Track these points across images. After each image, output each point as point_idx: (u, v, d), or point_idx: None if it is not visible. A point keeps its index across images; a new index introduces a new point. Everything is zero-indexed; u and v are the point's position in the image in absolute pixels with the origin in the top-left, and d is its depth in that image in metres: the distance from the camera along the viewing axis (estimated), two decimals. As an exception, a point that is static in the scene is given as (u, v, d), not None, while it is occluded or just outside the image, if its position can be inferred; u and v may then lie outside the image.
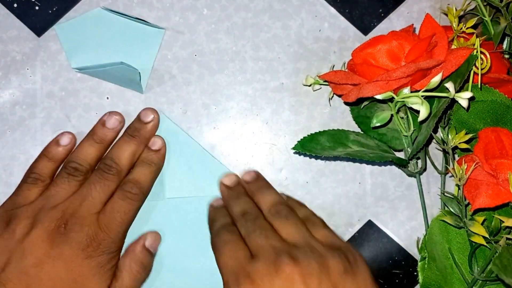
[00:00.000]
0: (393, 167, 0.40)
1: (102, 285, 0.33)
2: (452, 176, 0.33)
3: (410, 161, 0.37)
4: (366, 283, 0.31)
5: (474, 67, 0.33)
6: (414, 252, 0.40)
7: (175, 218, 0.39)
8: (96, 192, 0.35)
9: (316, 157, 0.40)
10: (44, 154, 0.38)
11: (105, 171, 0.36)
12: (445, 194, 0.35)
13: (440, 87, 0.32)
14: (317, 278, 0.29)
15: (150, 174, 0.37)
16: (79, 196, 0.35)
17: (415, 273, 0.40)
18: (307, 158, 0.40)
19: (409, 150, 0.36)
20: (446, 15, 0.36)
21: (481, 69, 0.33)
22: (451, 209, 0.34)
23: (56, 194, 0.35)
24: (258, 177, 0.39)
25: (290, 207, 0.35)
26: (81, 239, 0.33)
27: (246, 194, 0.37)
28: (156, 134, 0.39)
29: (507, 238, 0.31)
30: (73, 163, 0.36)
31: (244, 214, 0.34)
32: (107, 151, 0.38)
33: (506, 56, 0.37)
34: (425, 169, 0.39)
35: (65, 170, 0.36)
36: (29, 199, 0.35)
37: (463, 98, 0.31)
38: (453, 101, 0.32)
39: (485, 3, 0.36)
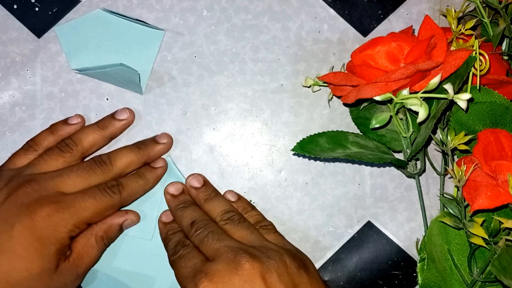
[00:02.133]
0: (392, 168, 0.40)
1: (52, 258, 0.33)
2: (451, 177, 0.33)
3: (409, 162, 0.37)
4: (318, 279, 0.33)
5: (473, 69, 0.33)
6: (413, 253, 0.40)
7: (161, 259, 0.38)
8: (75, 174, 0.35)
9: (316, 158, 0.40)
10: (49, 128, 0.38)
11: (96, 164, 0.36)
12: (444, 195, 0.35)
13: (439, 88, 0.32)
14: (276, 274, 0.31)
15: (139, 187, 0.37)
16: (57, 172, 0.35)
17: (415, 274, 0.40)
18: (307, 159, 0.40)
19: (408, 151, 0.36)
20: (445, 16, 0.36)
21: (480, 71, 0.33)
22: (450, 210, 0.34)
23: (39, 165, 0.35)
24: (205, 183, 0.39)
25: (241, 213, 0.36)
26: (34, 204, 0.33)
27: (193, 202, 0.37)
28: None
29: (506, 240, 0.31)
30: (68, 140, 0.36)
31: (193, 223, 0.35)
32: (109, 152, 0.38)
33: (505, 57, 0.37)
34: (424, 170, 0.39)
35: (57, 145, 0.36)
36: (16, 165, 0.36)
37: (462, 100, 0.31)
38: (452, 103, 0.32)
39: (484, 5, 0.36)
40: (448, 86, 0.31)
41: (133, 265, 0.39)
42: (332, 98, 0.39)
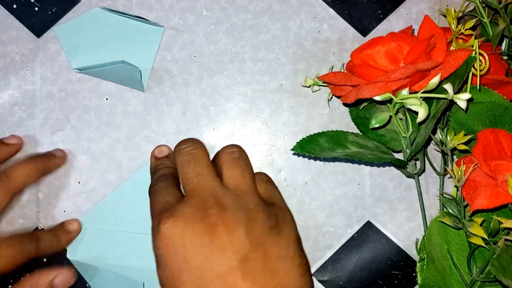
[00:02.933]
0: (392, 168, 0.40)
1: None
2: (451, 177, 0.33)
3: (409, 162, 0.37)
4: (289, 242, 0.31)
5: (472, 69, 0.33)
6: (413, 253, 0.40)
7: None
8: None
9: (315, 158, 0.40)
10: None
11: None
12: (444, 195, 0.35)
13: (438, 88, 0.32)
14: (243, 230, 0.29)
15: (50, 246, 0.35)
16: None
17: (414, 274, 0.40)
18: (306, 159, 0.40)
19: (408, 151, 0.36)
20: (445, 16, 0.36)
21: (480, 71, 0.33)
22: (450, 210, 0.34)
23: None
24: None
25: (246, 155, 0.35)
26: None
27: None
28: None
29: (505, 239, 0.31)
30: None
31: (189, 160, 0.32)
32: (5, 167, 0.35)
33: (505, 57, 0.37)
34: (424, 170, 0.39)
35: None
36: None
37: (461, 100, 0.31)
38: (452, 103, 0.32)
39: (483, 5, 0.36)
40: (448, 86, 0.31)
41: (141, 262, 0.39)
42: (331, 98, 0.39)
